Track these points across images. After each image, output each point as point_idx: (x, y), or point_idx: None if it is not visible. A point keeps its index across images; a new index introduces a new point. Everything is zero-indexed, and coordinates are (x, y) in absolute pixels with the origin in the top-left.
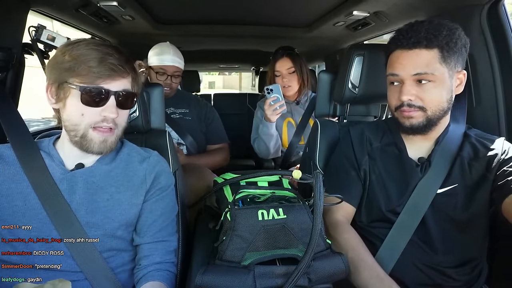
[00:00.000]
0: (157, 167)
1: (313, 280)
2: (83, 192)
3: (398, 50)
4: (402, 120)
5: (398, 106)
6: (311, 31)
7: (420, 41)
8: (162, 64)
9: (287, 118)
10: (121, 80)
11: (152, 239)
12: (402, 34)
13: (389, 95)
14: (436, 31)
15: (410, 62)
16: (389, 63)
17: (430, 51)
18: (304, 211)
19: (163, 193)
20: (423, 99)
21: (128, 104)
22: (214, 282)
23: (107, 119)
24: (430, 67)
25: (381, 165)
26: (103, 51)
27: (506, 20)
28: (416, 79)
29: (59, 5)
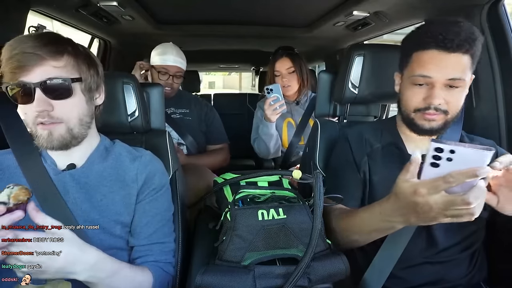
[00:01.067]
0: (149, 167)
1: (313, 280)
2: (76, 192)
3: (435, 51)
4: (421, 122)
5: (421, 108)
6: (311, 31)
7: (463, 44)
8: (165, 63)
9: (287, 118)
10: (42, 68)
11: (147, 241)
12: (442, 34)
13: (409, 95)
14: (473, 35)
15: (448, 65)
16: (418, 63)
17: (466, 56)
18: (304, 211)
19: (157, 193)
20: (449, 103)
21: (62, 93)
22: (214, 282)
23: (40, 114)
24: (463, 73)
25: (383, 165)
26: (16, 41)
27: (506, 20)
28: (449, 83)
29: (59, 5)
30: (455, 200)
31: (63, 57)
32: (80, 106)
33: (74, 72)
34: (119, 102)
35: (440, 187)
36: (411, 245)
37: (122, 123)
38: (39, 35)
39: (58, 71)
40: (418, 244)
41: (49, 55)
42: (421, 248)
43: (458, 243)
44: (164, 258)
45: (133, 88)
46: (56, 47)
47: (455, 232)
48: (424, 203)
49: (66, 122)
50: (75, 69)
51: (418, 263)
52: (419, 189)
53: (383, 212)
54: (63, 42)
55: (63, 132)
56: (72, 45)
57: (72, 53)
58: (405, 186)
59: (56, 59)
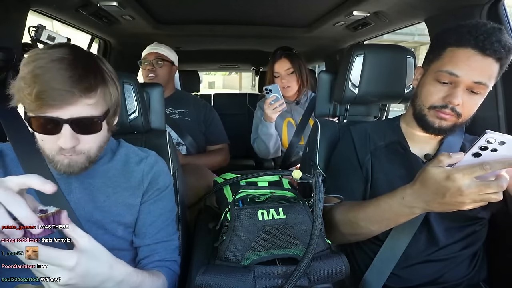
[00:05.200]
0: (155, 168)
1: (313, 280)
2: (80, 192)
3: (471, 50)
4: (432, 119)
5: (438, 105)
6: (311, 31)
7: (499, 50)
8: (143, 55)
9: (287, 118)
10: (74, 106)
11: (152, 241)
12: (483, 35)
13: (430, 90)
14: (511, 45)
15: (479, 68)
16: (450, 59)
17: (497, 64)
18: (304, 211)
19: (162, 193)
20: (465, 106)
21: (91, 129)
22: (214, 282)
23: (64, 148)
24: (490, 79)
25: (387, 163)
26: (42, 68)
27: (506, 20)
28: (472, 87)
29: (59, 5)
30: (490, 184)
31: (96, 93)
32: (103, 136)
33: (104, 105)
34: None
35: (476, 173)
36: (412, 244)
37: (122, 123)
38: (72, 62)
39: (90, 108)
40: (419, 243)
41: (83, 92)
42: (422, 247)
43: (458, 242)
44: (170, 257)
45: (133, 88)
46: (89, 80)
47: (455, 231)
48: (456, 188)
49: (87, 153)
50: (105, 101)
51: (419, 262)
52: (454, 174)
53: (406, 198)
54: (98, 69)
55: (83, 161)
56: (104, 68)
57: (101, 83)
58: (436, 172)
59: (89, 96)
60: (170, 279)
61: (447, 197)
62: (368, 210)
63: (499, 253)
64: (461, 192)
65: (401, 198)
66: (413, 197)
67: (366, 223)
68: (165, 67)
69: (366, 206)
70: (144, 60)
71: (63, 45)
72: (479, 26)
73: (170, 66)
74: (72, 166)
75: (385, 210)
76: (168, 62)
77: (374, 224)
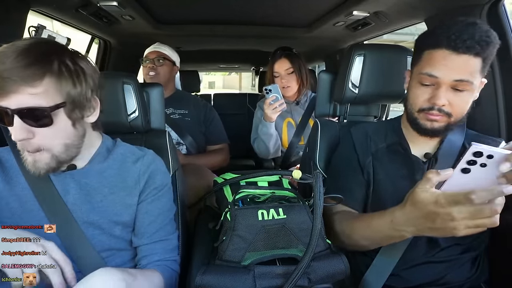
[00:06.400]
0: (152, 166)
1: (313, 280)
2: (77, 193)
3: (445, 50)
4: (423, 121)
5: (425, 108)
6: (311, 31)
7: (474, 46)
8: (145, 54)
9: (287, 118)
10: (18, 96)
11: (150, 240)
12: (455, 34)
13: (415, 94)
14: (488, 38)
15: (456, 67)
16: (428, 61)
17: (476, 59)
18: (304, 211)
19: (159, 192)
20: (453, 105)
21: (41, 121)
22: (214, 282)
23: (20, 143)
24: (472, 75)
25: (388, 164)
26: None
27: (506, 20)
28: (455, 85)
29: (59, 5)
30: (483, 210)
31: (42, 82)
32: (65, 131)
33: (56, 97)
34: (119, 102)
35: (461, 202)
36: (412, 245)
37: (122, 123)
38: (23, 51)
39: (37, 98)
40: (420, 244)
41: (26, 81)
42: (423, 249)
43: (460, 244)
44: (169, 256)
45: (133, 88)
46: (36, 69)
47: None
48: (446, 213)
49: (49, 150)
50: (58, 92)
51: (420, 263)
52: (441, 199)
53: (395, 221)
54: (49, 59)
55: (48, 160)
56: (61, 60)
57: (55, 73)
58: (425, 196)
59: (33, 85)
60: (169, 278)
61: (437, 222)
62: (361, 227)
63: (501, 255)
64: (452, 218)
65: (390, 221)
66: (402, 220)
67: (358, 238)
68: (165, 66)
69: (359, 221)
70: (146, 59)
71: (33, 38)
72: (451, 26)
73: (171, 66)
74: (37, 166)
75: (375, 230)
76: (169, 62)
77: (366, 241)
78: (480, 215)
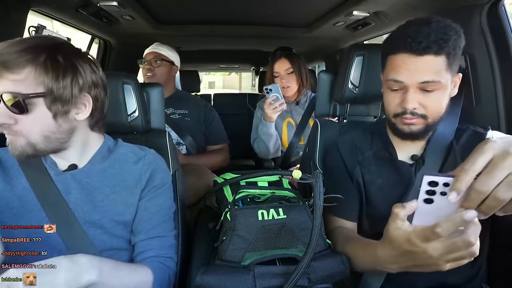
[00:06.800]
0: (153, 165)
1: (313, 280)
2: (78, 193)
3: (404, 54)
4: (401, 126)
5: (399, 113)
6: (311, 31)
7: (431, 46)
8: (144, 55)
9: (287, 118)
10: (3, 81)
11: (147, 236)
12: (410, 36)
13: (387, 100)
14: (445, 35)
15: (418, 69)
16: (391, 67)
17: (438, 57)
18: (304, 211)
19: (158, 190)
20: (426, 107)
21: (18, 106)
22: (214, 282)
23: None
24: (437, 75)
25: (376, 171)
26: None
27: (506, 20)
28: (422, 87)
29: (59, 5)
30: (456, 242)
31: (24, 70)
32: (44, 122)
33: (36, 86)
34: (119, 102)
35: (431, 238)
36: None
37: (122, 123)
38: (17, 42)
39: (16, 85)
40: None
41: (8, 67)
42: None
43: None
44: (165, 253)
45: (133, 88)
46: (21, 58)
47: None
48: (422, 251)
49: (26, 137)
50: (38, 81)
51: None
52: (412, 238)
53: (378, 258)
54: (37, 51)
55: (23, 144)
56: (51, 54)
57: (39, 64)
58: (398, 234)
59: (14, 72)
60: (162, 274)
61: (417, 260)
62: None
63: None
64: (429, 256)
65: (373, 256)
66: (384, 258)
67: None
68: (163, 66)
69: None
70: (144, 59)
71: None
72: (407, 28)
73: (169, 66)
74: (13, 147)
75: (361, 261)
76: (167, 62)
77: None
78: (455, 249)
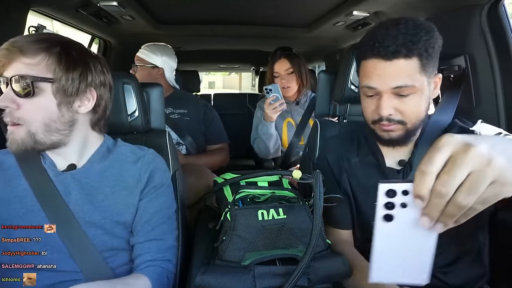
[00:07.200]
0: (152, 165)
1: (313, 280)
2: (78, 193)
3: (374, 59)
4: (380, 133)
5: (376, 120)
6: (311, 31)
7: (399, 50)
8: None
9: (287, 118)
10: (14, 64)
11: (145, 238)
12: (378, 41)
13: (364, 107)
14: (414, 37)
15: (389, 74)
16: (363, 73)
17: (410, 60)
18: (304, 211)
19: (158, 190)
20: (402, 112)
21: (27, 90)
22: (214, 282)
23: (4, 113)
24: (410, 78)
25: (364, 179)
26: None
27: (506, 20)
28: (396, 92)
29: (59, 5)
30: None
31: (38, 56)
32: (48, 109)
33: (47, 72)
34: (119, 102)
35: None
36: None
37: (122, 123)
38: (33, 35)
39: (28, 68)
40: None
41: (24, 51)
42: None
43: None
44: (162, 256)
45: (133, 88)
46: (36, 45)
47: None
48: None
49: (28, 125)
50: (49, 69)
51: None
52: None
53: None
54: (53, 42)
55: (23, 135)
56: (64, 48)
57: (54, 53)
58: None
59: (28, 56)
60: (160, 278)
61: None
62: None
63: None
64: None
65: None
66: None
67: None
68: (141, 70)
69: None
70: None
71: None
72: (375, 32)
73: (148, 70)
74: (13, 139)
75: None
76: (147, 66)
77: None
78: None
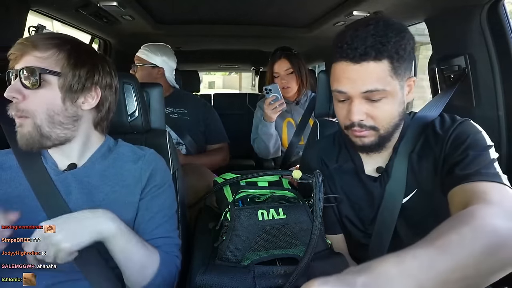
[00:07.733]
0: (153, 165)
1: None
2: (79, 192)
3: (343, 62)
4: (354, 139)
5: (348, 125)
6: (311, 31)
7: (368, 52)
8: None
9: (287, 118)
10: (25, 57)
11: (151, 236)
12: (347, 43)
13: (336, 112)
14: (384, 38)
15: (358, 78)
16: (334, 76)
17: (380, 63)
18: (304, 211)
19: (159, 189)
20: (374, 117)
21: (30, 80)
22: (214, 282)
23: (10, 106)
24: (381, 82)
25: (343, 186)
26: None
27: (506, 20)
28: (366, 97)
29: (59, 5)
30: None
31: (49, 51)
32: (52, 101)
33: (55, 66)
34: (119, 102)
35: None
36: None
37: (122, 123)
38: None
39: (38, 60)
40: None
41: (35, 46)
42: None
43: None
44: (171, 251)
45: (133, 88)
46: (48, 41)
47: None
48: None
49: (33, 117)
50: (58, 64)
51: None
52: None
53: None
54: (64, 41)
55: (30, 128)
56: (75, 47)
57: (64, 50)
58: None
59: (40, 50)
60: (169, 268)
61: None
62: None
63: None
64: None
65: None
66: None
67: None
68: (141, 70)
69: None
70: None
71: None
72: (344, 34)
73: (148, 69)
74: (22, 134)
75: None
76: (147, 66)
77: None
78: None
